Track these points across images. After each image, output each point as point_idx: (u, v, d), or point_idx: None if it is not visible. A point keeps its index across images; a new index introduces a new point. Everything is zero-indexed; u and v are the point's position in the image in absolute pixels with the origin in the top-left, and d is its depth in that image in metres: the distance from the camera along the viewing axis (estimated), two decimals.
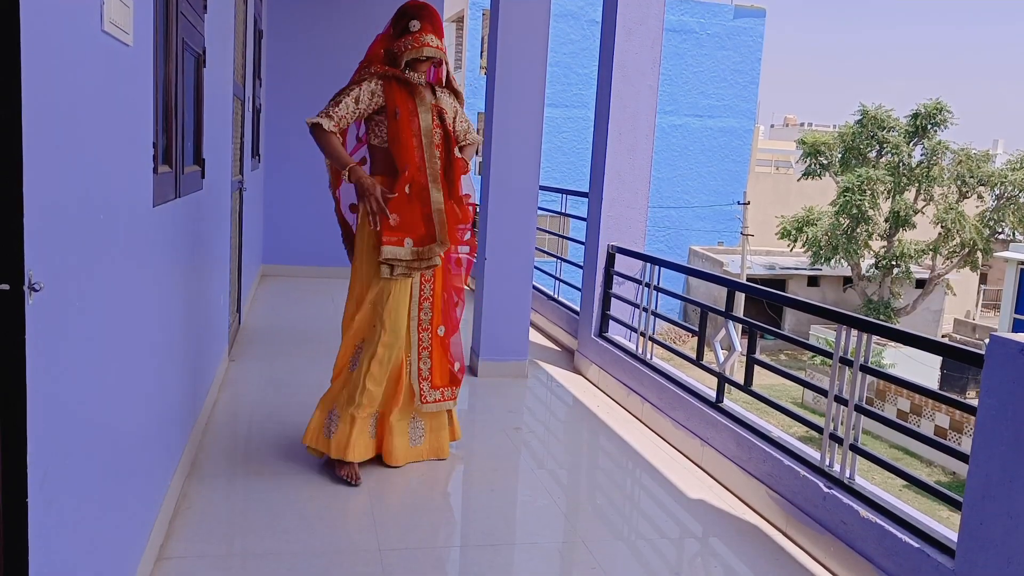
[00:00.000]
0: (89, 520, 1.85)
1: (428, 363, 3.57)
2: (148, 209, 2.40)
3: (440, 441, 3.67)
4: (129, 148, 2.15)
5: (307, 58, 8.05)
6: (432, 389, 3.58)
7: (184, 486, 3.18)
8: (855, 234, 22.03)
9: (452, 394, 3.65)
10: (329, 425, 3.46)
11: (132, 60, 2.15)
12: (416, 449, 3.62)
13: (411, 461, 3.60)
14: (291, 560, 2.72)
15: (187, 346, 3.31)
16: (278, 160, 8.04)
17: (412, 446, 3.61)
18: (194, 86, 3.29)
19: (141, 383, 2.40)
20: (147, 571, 2.49)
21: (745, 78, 24.44)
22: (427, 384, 3.57)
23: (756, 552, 3.09)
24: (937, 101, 22.02)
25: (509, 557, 2.95)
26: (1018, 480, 2.22)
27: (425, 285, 3.53)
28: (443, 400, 3.62)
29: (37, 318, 1.43)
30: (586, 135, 20.98)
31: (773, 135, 54.21)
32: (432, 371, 3.58)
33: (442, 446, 3.68)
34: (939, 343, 2.83)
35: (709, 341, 4.20)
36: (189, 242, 3.28)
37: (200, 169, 3.42)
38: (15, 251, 1.35)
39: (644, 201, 5.25)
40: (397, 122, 3.35)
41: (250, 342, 5.51)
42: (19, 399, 1.37)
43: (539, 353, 5.81)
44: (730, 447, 3.65)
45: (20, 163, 1.34)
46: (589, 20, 22.19)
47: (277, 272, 8.16)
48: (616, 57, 5.03)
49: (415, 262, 3.38)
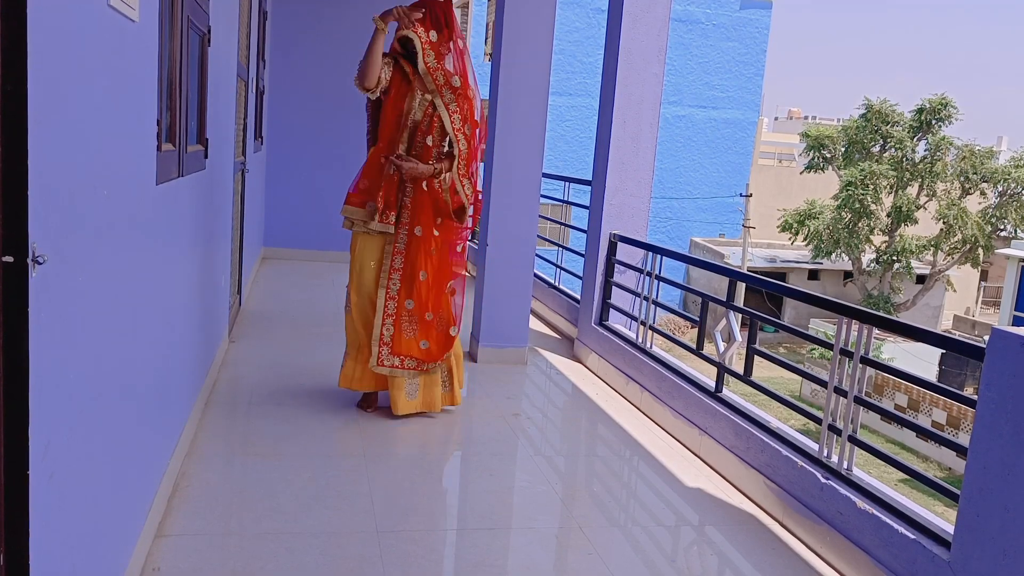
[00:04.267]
0: (90, 494, 1.85)
1: (391, 330, 3.86)
2: (151, 187, 2.40)
3: (432, 396, 3.99)
4: (133, 125, 2.15)
5: (311, 40, 8.02)
6: (391, 355, 3.86)
7: (184, 464, 3.19)
8: (857, 228, 22.00)
9: (415, 365, 3.89)
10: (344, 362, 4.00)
11: (137, 36, 2.15)
12: (412, 402, 3.96)
13: (409, 412, 3.94)
14: (289, 540, 2.73)
15: (188, 326, 3.32)
16: (280, 143, 8.03)
17: (409, 400, 3.94)
18: (198, 65, 3.28)
19: (142, 359, 2.40)
20: (145, 547, 2.51)
21: (750, 70, 24.33)
22: (387, 349, 3.85)
23: (752, 541, 3.10)
24: (942, 96, 21.94)
25: (506, 541, 2.96)
26: (1016, 473, 2.22)
27: (396, 257, 3.85)
28: (399, 368, 3.88)
29: (40, 291, 1.43)
30: (589, 124, 20.91)
31: (777, 127, 54.07)
32: (394, 338, 3.86)
33: (434, 401, 3.99)
34: (940, 336, 2.84)
35: (709, 331, 4.20)
36: (191, 222, 3.28)
37: (203, 149, 3.41)
38: (20, 224, 1.35)
39: (647, 190, 5.24)
40: (387, 98, 3.81)
41: (250, 324, 5.51)
42: (22, 371, 1.37)
43: (539, 340, 5.82)
44: (728, 437, 3.66)
45: (26, 136, 1.33)
46: (595, 8, 22.07)
47: (278, 255, 8.16)
48: (622, 45, 5.00)
49: (370, 223, 3.79)
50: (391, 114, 3.80)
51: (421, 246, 3.83)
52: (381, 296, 3.83)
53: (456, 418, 4.12)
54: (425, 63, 3.74)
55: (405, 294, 3.85)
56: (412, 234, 3.83)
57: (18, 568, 1.42)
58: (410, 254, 3.84)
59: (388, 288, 3.83)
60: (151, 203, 2.42)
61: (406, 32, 3.70)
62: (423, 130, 3.81)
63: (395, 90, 3.80)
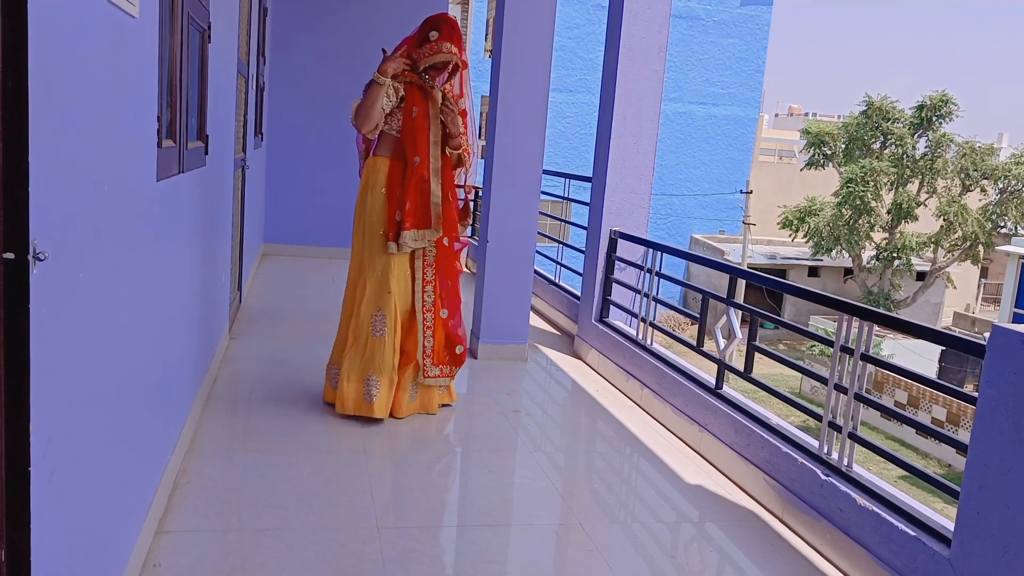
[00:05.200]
0: (90, 491, 1.86)
1: (432, 342, 3.95)
2: (152, 183, 2.40)
3: (430, 397, 4.04)
4: (134, 121, 2.14)
5: (311, 36, 8.02)
6: (433, 365, 3.98)
7: (184, 461, 3.19)
8: (857, 225, 21.99)
9: (451, 372, 4.05)
10: (370, 390, 3.80)
11: (138, 32, 2.14)
12: (412, 405, 3.99)
13: (410, 414, 3.98)
14: (289, 536, 2.74)
15: (189, 321, 3.32)
16: (281, 139, 8.02)
17: (410, 402, 3.98)
18: (199, 61, 3.27)
19: (143, 356, 2.40)
20: (146, 544, 2.51)
21: (751, 66, 24.31)
22: (430, 361, 3.96)
23: (752, 537, 3.10)
24: (943, 93, 21.92)
25: (506, 537, 2.96)
26: (1016, 470, 2.23)
27: (427, 269, 3.93)
28: (442, 376, 4.03)
29: (41, 288, 1.43)
30: (589, 120, 20.90)
31: (777, 124, 54.01)
32: (435, 349, 3.97)
33: (431, 402, 4.04)
34: (941, 333, 2.83)
35: (709, 328, 4.20)
36: (192, 218, 3.28)
37: (203, 145, 3.41)
38: (21, 221, 1.35)
39: (647, 187, 5.24)
40: (414, 119, 3.81)
41: (251, 320, 5.51)
42: (23, 367, 1.37)
43: (539, 337, 5.82)
44: (728, 433, 3.66)
45: (26, 133, 1.33)
46: (595, 5, 22.05)
47: (278, 251, 8.16)
48: (622, 42, 5.00)
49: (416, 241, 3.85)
50: (422, 133, 3.81)
51: (449, 255, 3.96)
52: (419, 310, 3.90)
53: (456, 414, 4.12)
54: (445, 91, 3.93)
55: (440, 304, 3.96)
56: (440, 244, 3.92)
57: (19, 564, 1.42)
58: (443, 265, 3.95)
59: (424, 301, 3.92)
60: (152, 199, 2.41)
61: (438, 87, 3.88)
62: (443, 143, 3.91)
63: (420, 107, 3.82)
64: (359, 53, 3.77)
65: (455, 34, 3.85)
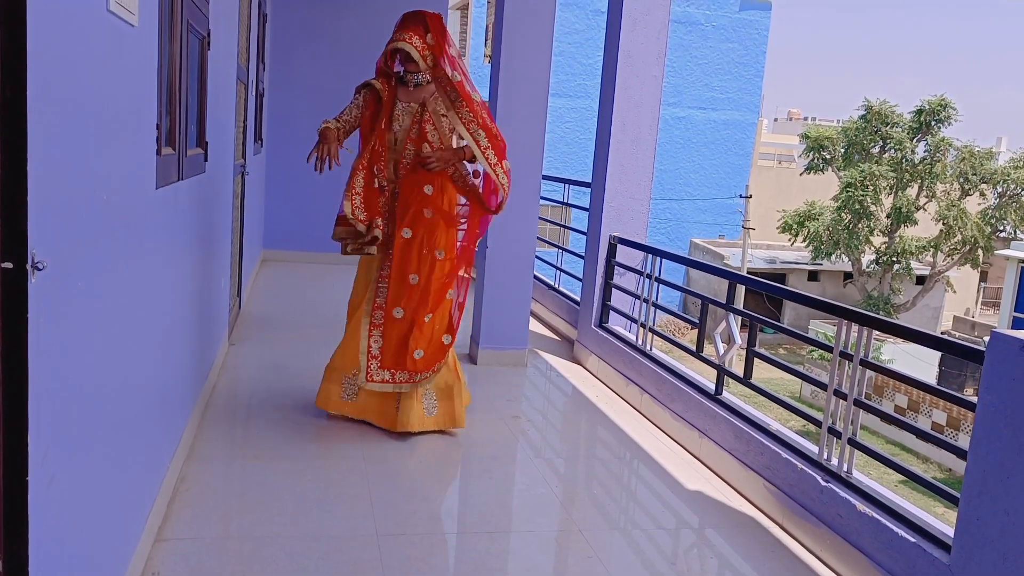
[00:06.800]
0: (89, 499, 1.85)
1: (380, 342, 3.70)
2: (151, 191, 2.40)
3: (452, 409, 3.80)
4: (133, 129, 2.15)
5: (311, 43, 8.02)
6: (380, 369, 3.70)
7: (183, 468, 3.18)
8: (856, 229, 22.00)
9: (407, 378, 3.69)
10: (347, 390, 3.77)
11: (137, 40, 2.15)
12: (430, 419, 3.77)
13: (426, 429, 3.76)
14: (288, 544, 2.73)
15: (188, 329, 3.32)
16: (280, 145, 8.02)
17: (427, 416, 3.77)
18: (198, 68, 3.28)
19: (142, 364, 2.40)
20: (145, 551, 2.50)
21: (750, 71, 24.33)
22: (375, 362, 3.70)
23: (752, 544, 3.10)
24: (942, 97, 21.95)
25: (506, 544, 2.96)
26: (1016, 477, 2.22)
27: (385, 265, 3.73)
28: (391, 382, 3.70)
29: (40, 297, 1.43)
30: (589, 126, 20.90)
31: (776, 129, 54.02)
32: (383, 350, 3.69)
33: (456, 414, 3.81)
34: (940, 339, 2.83)
35: (709, 333, 4.20)
36: (191, 225, 3.28)
37: (203, 152, 3.41)
38: (19, 230, 1.35)
39: (647, 192, 5.24)
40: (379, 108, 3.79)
41: (250, 326, 5.51)
42: (21, 376, 1.37)
43: (539, 342, 5.81)
44: (728, 439, 3.66)
45: (25, 142, 1.33)
46: (594, 10, 22.06)
47: (278, 257, 8.16)
48: (621, 47, 5.00)
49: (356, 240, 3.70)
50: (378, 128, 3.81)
51: (412, 248, 3.69)
52: (367, 310, 3.73)
53: None
54: None
55: (393, 301, 3.70)
56: (400, 237, 3.69)
57: (17, 572, 1.42)
58: (397, 258, 3.69)
59: (376, 297, 3.72)
60: (151, 207, 2.41)
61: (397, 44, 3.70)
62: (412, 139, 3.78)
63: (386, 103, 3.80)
64: (359, 59, 3.77)
65: (404, 22, 3.74)
